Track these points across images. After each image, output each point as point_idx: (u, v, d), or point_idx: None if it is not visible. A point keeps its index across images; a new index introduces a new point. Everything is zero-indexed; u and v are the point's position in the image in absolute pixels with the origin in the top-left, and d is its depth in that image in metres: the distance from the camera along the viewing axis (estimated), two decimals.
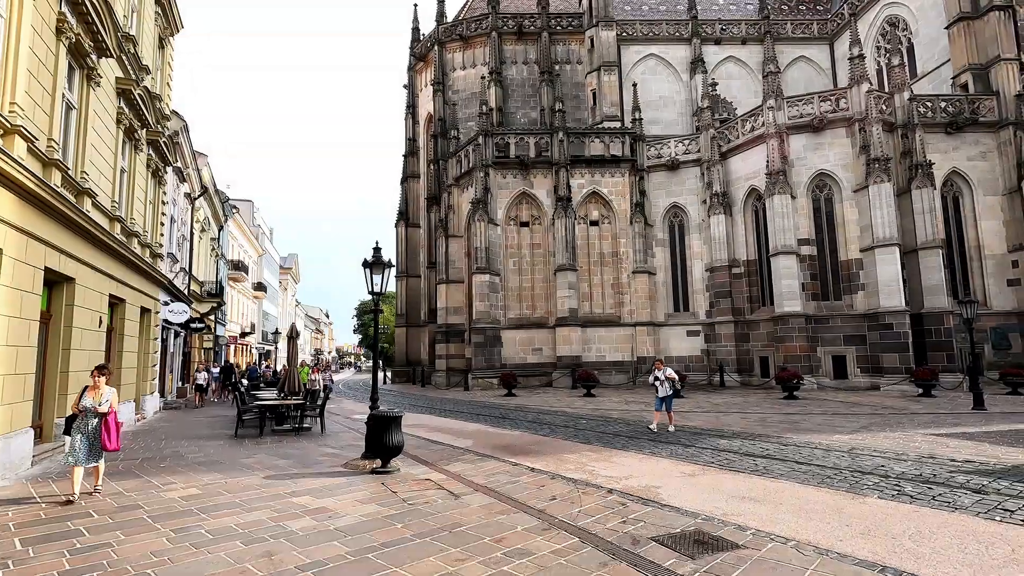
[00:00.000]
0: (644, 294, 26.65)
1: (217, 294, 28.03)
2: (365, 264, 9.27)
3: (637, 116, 28.66)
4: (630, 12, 35.75)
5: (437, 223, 32.02)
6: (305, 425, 13.06)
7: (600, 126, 30.53)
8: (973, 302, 17.02)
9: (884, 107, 23.10)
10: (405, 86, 40.29)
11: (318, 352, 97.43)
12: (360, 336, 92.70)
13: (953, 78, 25.76)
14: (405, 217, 38.71)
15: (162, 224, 17.12)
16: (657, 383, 12.26)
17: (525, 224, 27.88)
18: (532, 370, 26.27)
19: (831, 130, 23.26)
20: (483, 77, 33.14)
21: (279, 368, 35.81)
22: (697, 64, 33.08)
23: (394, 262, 38.37)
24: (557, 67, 33.90)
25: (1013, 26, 24.48)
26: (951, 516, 5.61)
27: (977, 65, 24.79)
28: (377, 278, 9.40)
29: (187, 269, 22.68)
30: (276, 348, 52.30)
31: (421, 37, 38.89)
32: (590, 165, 27.61)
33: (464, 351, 28.90)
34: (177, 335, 22.23)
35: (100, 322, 11.18)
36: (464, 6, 39.37)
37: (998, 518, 5.51)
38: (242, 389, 15.10)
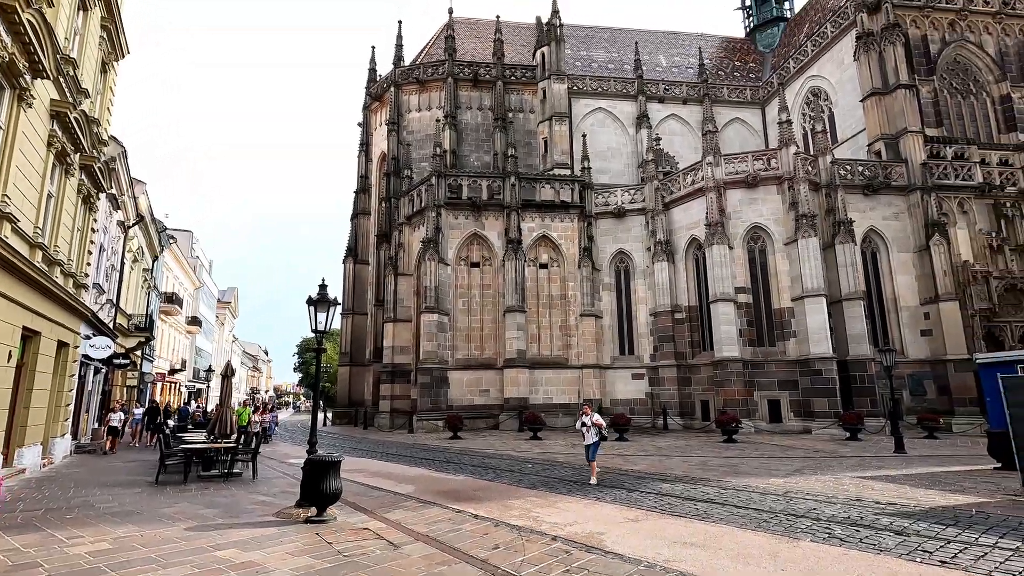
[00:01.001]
0: (591, 337, 27.08)
1: (146, 328, 26.40)
2: (309, 301, 9.03)
3: (586, 165, 29.80)
4: (580, 68, 37.65)
5: (387, 260, 31.70)
6: (236, 470, 12.27)
7: (551, 173, 31.53)
8: (891, 351, 18.27)
9: (810, 168, 25.05)
10: (359, 124, 40.43)
11: (254, 391, 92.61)
12: (301, 375, 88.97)
13: (868, 145, 28.34)
14: (354, 253, 38.15)
15: (90, 253, 16.14)
16: (584, 429, 11.34)
17: (476, 265, 28.03)
18: (479, 412, 25.92)
19: (764, 187, 24.94)
20: (438, 120, 33.78)
21: (211, 408, 33.68)
22: (642, 119, 35.01)
23: (341, 299, 37.43)
24: (511, 114, 35.03)
25: (917, 102, 27.38)
26: (877, 558, 5.86)
27: (888, 135, 27.42)
28: (321, 316, 9.15)
29: (114, 301, 21.32)
30: (208, 387, 49.36)
31: (378, 78, 39.39)
32: (540, 209, 28.30)
33: (410, 392, 28.24)
34: (98, 371, 20.66)
35: (9, 356, 10.28)
36: (422, 51, 40.36)
37: (919, 559, 5.80)
38: (166, 431, 14.09)
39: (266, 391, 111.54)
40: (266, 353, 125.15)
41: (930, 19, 29.26)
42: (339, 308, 13.41)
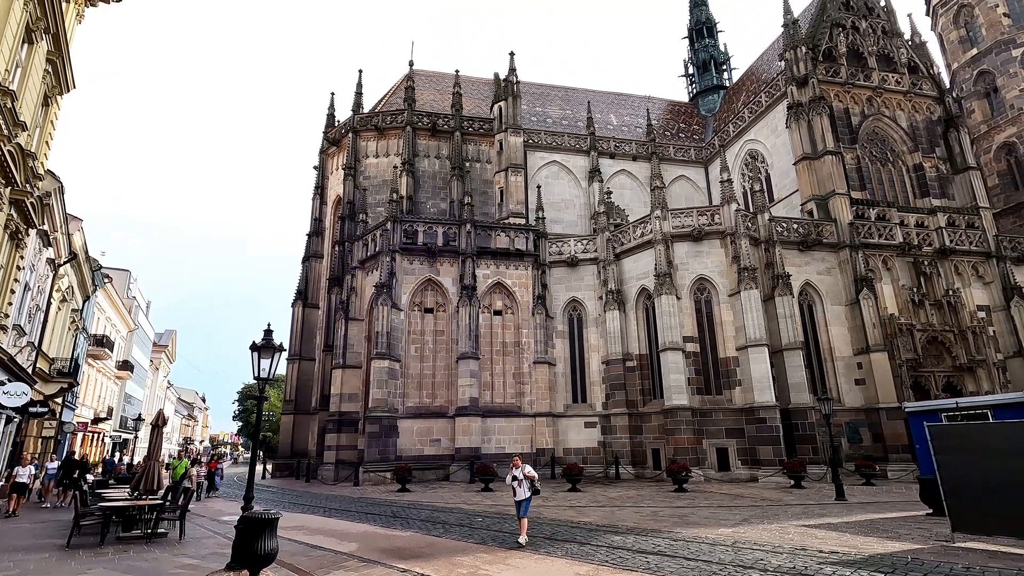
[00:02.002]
0: (544, 384, 27.03)
1: (70, 373, 24.56)
2: (253, 347, 8.69)
3: (541, 215, 30.56)
4: (536, 123, 39.16)
5: (338, 305, 31.00)
6: (161, 531, 11.32)
7: (506, 221, 32.12)
8: (829, 399, 19.08)
9: (750, 224, 26.55)
10: (315, 167, 40.26)
11: (187, 441, 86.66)
12: (241, 423, 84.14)
13: (802, 205, 30.40)
14: (304, 297, 37.15)
15: (12, 292, 15.09)
16: (515, 484, 10.44)
17: (430, 311, 27.81)
18: (429, 463, 25.11)
19: (708, 240, 26.19)
20: (396, 167, 34.09)
21: (137, 461, 31.22)
22: (594, 173, 36.46)
23: (288, 343, 36.19)
24: (468, 164, 35.79)
25: (842, 168, 29.77)
26: None
27: (819, 196, 29.55)
28: (266, 363, 8.81)
29: (36, 344, 19.83)
30: (136, 437, 45.94)
31: (336, 123, 39.64)
32: (495, 257, 28.61)
33: (356, 442, 27.13)
34: (10, 421, 18.92)
35: None
36: (381, 100, 41.06)
37: None
38: (84, 487, 12.92)
39: (201, 441, 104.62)
40: (203, 400, 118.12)
41: (851, 94, 32.28)
42: (285, 354, 12.96)
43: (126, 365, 43.40)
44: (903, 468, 23.30)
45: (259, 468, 38.66)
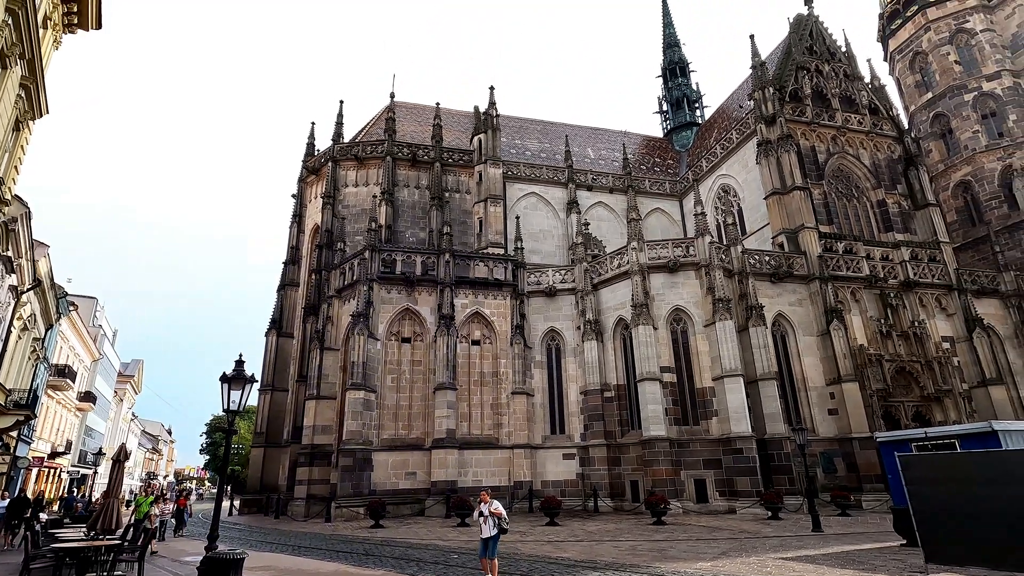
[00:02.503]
0: (522, 415, 26.78)
1: (28, 405, 23.50)
2: (224, 379, 8.48)
3: (519, 245, 30.77)
4: (515, 155, 39.82)
5: (313, 334, 30.47)
6: (118, 573, 10.73)
7: (485, 251, 32.27)
8: (803, 429, 19.29)
9: (723, 256, 27.15)
10: (294, 195, 40.10)
11: (151, 476, 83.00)
12: (208, 457, 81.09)
13: (773, 238, 31.26)
14: (278, 326, 36.44)
15: None
16: (481, 520, 9.83)
17: (407, 340, 27.54)
18: (404, 497, 24.47)
19: (683, 272, 26.66)
20: (375, 196, 34.16)
21: (96, 498, 29.74)
22: (572, 205, 37.05)
23: (261, 374, 35.32)
24: (447, 194, 36.05)
25: (811, 203, 30.82)
26: None
27: (789, 230, 30.44)
28: (236, 394, 8.58)
29: None
30: (96, 472, 43.83)
31: (316, 152, 39.71)
32: (474, 286, 28.62)
33: (329, 476, 26.34)
34: None
35: None
36: (362, 130, 41.38)
37: None
38: (36, 527, 12.23)
39: (165, 476, 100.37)
40: (169, 433, 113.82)
41: (816, 133, 33.68)
42: (257, 385, 12.64)
43: (88, 396, 41.73)
44: (877, 498, 23.51)
45: (226, 504, 37.22)
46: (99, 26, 17.02)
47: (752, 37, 35.40)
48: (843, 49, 37.43)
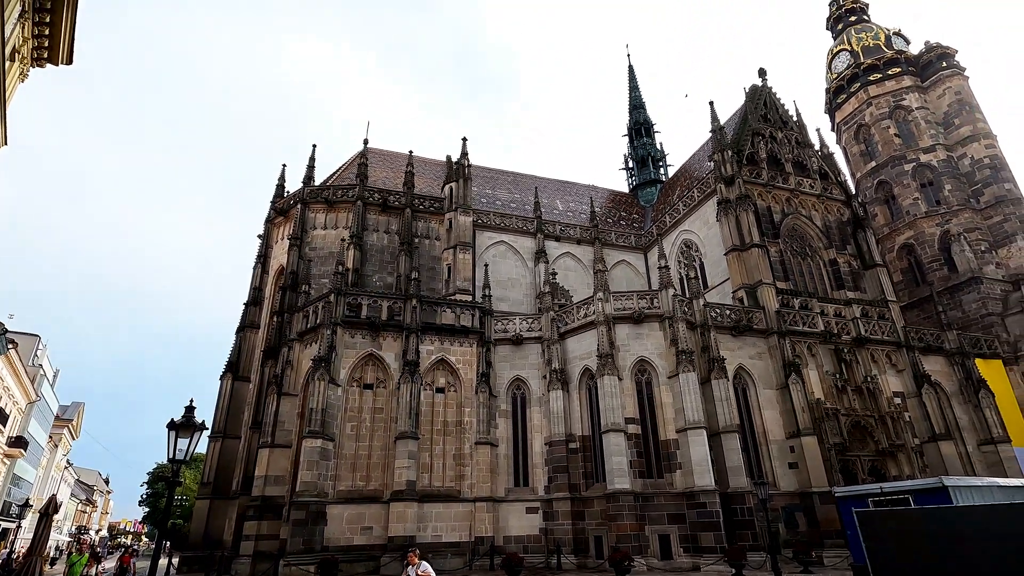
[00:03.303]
0: (485, 467, 26.13)
1: None
2: (172, 426, 8.07)
3: (487, 293, 30.87)
4: (485, 204, 40.54)
5: (271, 379, 29.40)
6: None
7: (453, 297, 32.23)
8: (765, 483, 19.43)
9: (686, 309, 27.82)
10: (260, 236, 39.52)
11: (81, 530, 76.64)
12: (148, 509, 75.60)
13: (733, 292, 32.29)
14: (235, 369, 35.03)
15: None
16: None
17: (369, 387, 26.87)
18: (358, 554, 23.21)
19: (648, 323, 27.13)
20: (343, 239, 33.98)
21: (16, 554, 27.19)
22: (540, 254, 37.64)
23: (213, 419, 33.72)
24: (417, 240, 36.18)
25: (768, 260, 32.15)
26: None
27: (748, 285, 31.53)
28: (184, 442, 8.17)
29: None
30: (20, 526, 40.28)
31: (285, 193, 39.54)
32: (440, 333, 28.38)
33: (280, 530, 24.85)
34: None
35: None
36: (333, 174, 41.57)
37: None
38: None
39: (98, 530, 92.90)
40: (107, 483, 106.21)
41: (772, 194, 35.55)
42: (207, 432, 12.03)
43: (19, 441, 38.85)
44: (838, 554, 23.51)
45: (163, 562, 34.51)
46: (70, 61, 16.92)
47: (712, 103, 37.66)
48: (794, 118, 40.11)
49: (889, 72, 46.96)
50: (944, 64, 46.35)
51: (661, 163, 54.25)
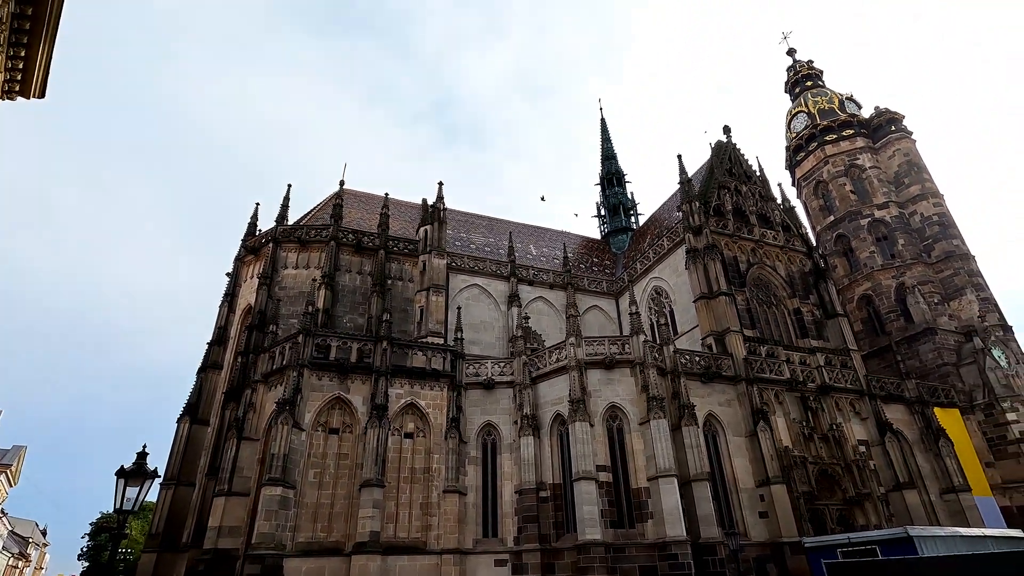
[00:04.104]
0: (453, 516, 25.27)
1: None
2: (121, 474, 7.65)
3: (460, 336, 30.63)
4: (460, 247, 40.83)
5: (232, 422, 28.25)
6: None
7: (424, 340, 31.88)
8: (736, 533, 19.27)
9: (657, 355, 28.08)
10: (228, 274, 38.79)
11: None
12: (87, 563, 70.08)
13: (703, 339, 32.82)
14: (194, 411, 33.56)
15: None
16: None
17: (335, 431, 26.02)
18: None
19: (619, 369, 27.24)
20: (315, 279, 33.59)
21: None
22: (514, 298, 37.80)
23: (166, 465, 32.05)
24: (390, 281, 35.99)
25: (735, 308, 32.93)
26: None
27: (716, 332, 32.13)
28: (133, 491, 7.73)
29: None
30: None
31: (258, 232, 39.13)
32: (411, 376, 27.90)
33: None
34: None
35: None
36: (308, 213, 41.46)
37: None
38: None
39: None
40: (44, 534, 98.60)
41: (738, 244, 36.78)
42: (159, 479, 11.40)
43: None
44: None
45: None
46: (42, 95, 16.77)
47: (679, 157, 39.30)
48: (757, 173, 42.05)
49: (843, 133, 49.98)
50: (893, 128, 49.63)
51: (632, 211, 55.87)
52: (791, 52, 57.92)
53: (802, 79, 55.78)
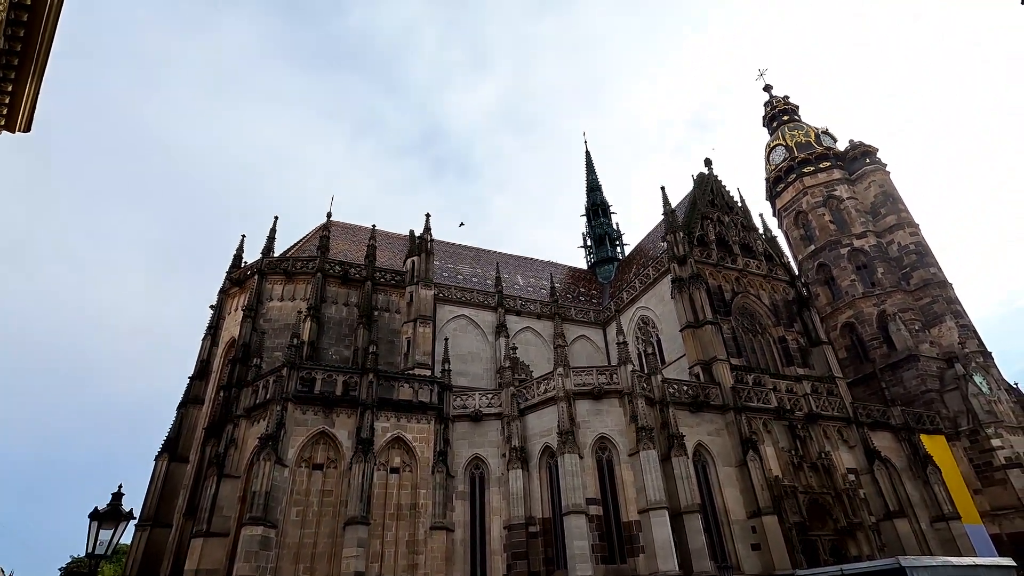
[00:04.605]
0: (441, 555, 24.57)
1: None
2: (95, 516, 7.38)
3: (447, 367, 30.36)
4: (447, 278, 40.87)
5: (212, 458, 27.46)
6: None
7: (411, 372, 31.54)
8: (729, 567, 18.95)
9: (645, 385, 28.03)
10: (212, 306, 38.30)
11: None
12: None
13: (690, 368, 32.88)
14: (173, 448, 32.59)
15: None
16: None
17: (319, 467, 25.39)
18: None
19: (608, 399, 27.11)
20: (300, 312, 33.30)
21: None
22: (501, 329, 37.71)
23: (142, 505, 30.98)
24: (377, 313, 35.76)
25: (721, 336, 33.15)
26: None
27: (703, 361, 32.23)
28: (106, 534, 7.44)
29: None
30: None
31: (243, 264, 38.87)
32: (397, 409, 27.49)
33: None
34: None
35: None
36: (294, 245, 41.34)
37: None
38: None
39: None
40: None
41: (722, 274, 37.28)
42: (134, 521, 10.99)
43: None
44: None
45: None
46: (28, 129, 16.76)
47: (663, 188, 40.14)
48: (739, 204, 42.97)
49: (821, 166, 51.46)
50: (868, 160, 51.27)
51: (618, 242, 56.54)
52: (767, 88, 60.01)
53: (779, 114, 57.65)
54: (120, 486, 8.02)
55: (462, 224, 73.17)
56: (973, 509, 33.59)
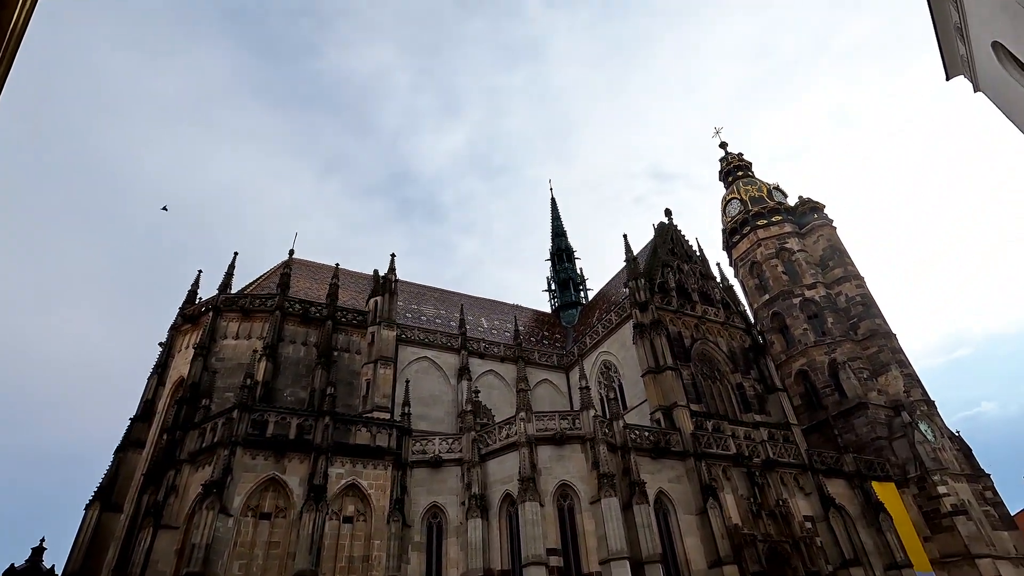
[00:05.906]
0: None
1: None
2: (10, 574, 6.75)
3: (407, 410, 29.54)
4: (411, 319, 40.43)
5: (149, 507, 25.60)
6: None
7: (370, 415, 30.61)
8: None
9: (607, 430, 27.96)
10: (161, 344, 36.62)
11: None
12: None
13: (651, 414, 33.04)
14: (106, 496, 30.22)
15: None
16: None
17: (267, 516, 24.00)
18: None
19: (570, 445, 26.86)
20: (255, 350, 32.17)
21: None
22: (464, 371, 37.28)
23: (67, 561, 28.34)
24: (336, 353, 34.87)
25: (681, 382, 33.61)
26: None
27: (664, 406, 32.49)
28: None
29: None
30: None
31: (198, 300, 37.54)
32: (353, 454, 26.48)
33: None
34: None
35: None
36: (254, 282, 40.30)
37: None
38: None
39: None
40: None
41: (682, 320, 38.14)
42: None
43: None
44: None
45: None
46: None
47: (625, 236, 41.30)
48: (698, 253, 44.49)
49: (773, 219, 54.07)
50: (816, 216, 54.20)
51: (581, 287, 57.40)
52: (723, 145, 63.35)
53: (734, 169, 60.72)
54: (43, 540, 7.40)
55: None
56: (924, 557, 34.18)
